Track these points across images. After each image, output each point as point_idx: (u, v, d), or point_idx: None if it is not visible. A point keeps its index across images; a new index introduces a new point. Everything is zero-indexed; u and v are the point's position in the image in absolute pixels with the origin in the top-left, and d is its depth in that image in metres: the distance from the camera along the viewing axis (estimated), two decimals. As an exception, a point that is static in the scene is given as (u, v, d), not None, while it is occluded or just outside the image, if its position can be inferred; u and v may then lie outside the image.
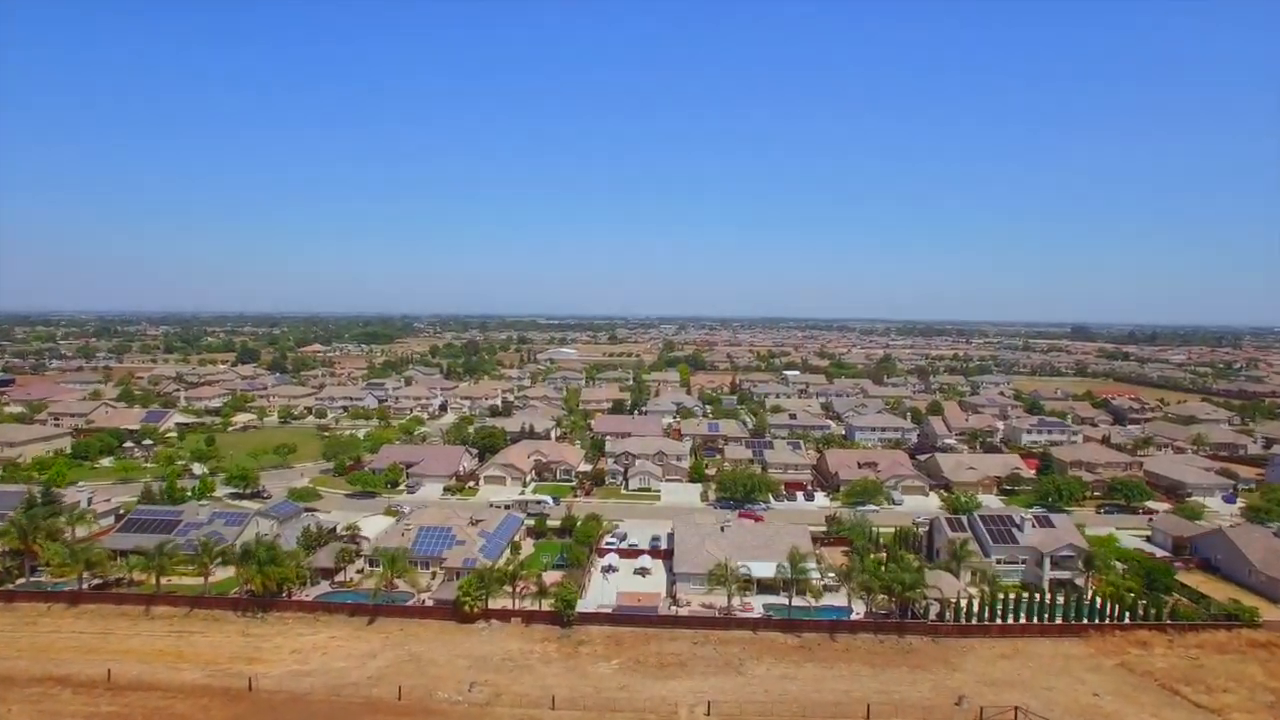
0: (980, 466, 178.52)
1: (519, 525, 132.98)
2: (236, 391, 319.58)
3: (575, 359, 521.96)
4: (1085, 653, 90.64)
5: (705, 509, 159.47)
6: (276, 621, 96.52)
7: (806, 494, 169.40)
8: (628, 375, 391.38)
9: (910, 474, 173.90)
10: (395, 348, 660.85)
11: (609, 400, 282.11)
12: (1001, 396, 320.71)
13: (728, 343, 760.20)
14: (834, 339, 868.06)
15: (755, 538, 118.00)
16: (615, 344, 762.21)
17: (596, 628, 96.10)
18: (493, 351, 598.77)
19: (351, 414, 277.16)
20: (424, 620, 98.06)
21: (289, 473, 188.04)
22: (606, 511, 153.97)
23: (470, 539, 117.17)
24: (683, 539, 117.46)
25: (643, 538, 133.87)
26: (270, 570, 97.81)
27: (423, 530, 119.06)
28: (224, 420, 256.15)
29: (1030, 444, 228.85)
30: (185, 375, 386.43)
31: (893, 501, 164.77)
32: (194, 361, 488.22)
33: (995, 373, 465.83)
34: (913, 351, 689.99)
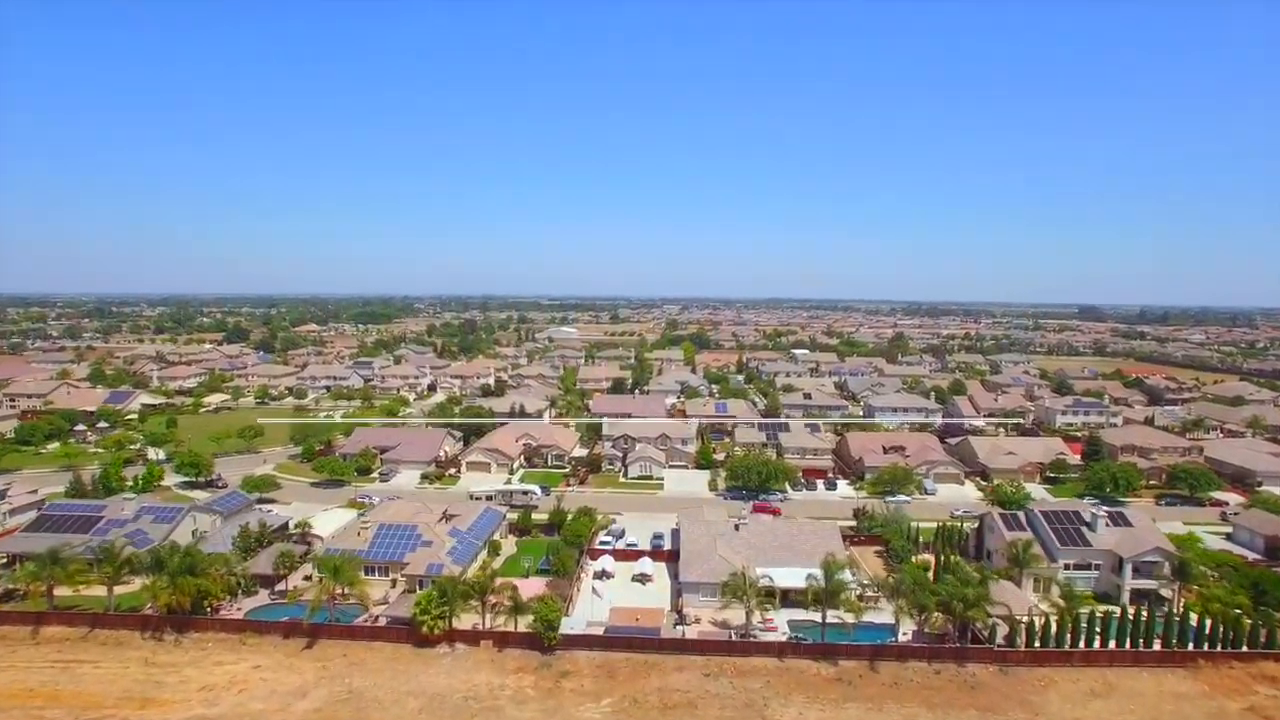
0: (1020, 451, 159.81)
1: (499, 521, 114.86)
2: (216, 370, 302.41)
3: (575, 338, 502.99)
4: (1198, 690, 72.35)
5: (714, 500, 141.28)
6: (193, 646, 78.64)
7: (827, 482, 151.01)
8: (629, 353, 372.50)
9: (943, 459, 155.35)
10: (392, 327, 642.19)
11: (608, 379, 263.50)
12: (1027, 375, 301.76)
13: (732, 322, 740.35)
14: (839, 319, 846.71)
15: (776, 537, 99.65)
16: (617, 324, 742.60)
17: (585, 654, 78.09)
18: (491, 331, 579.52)
19: (333, 394, 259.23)
20: (374, 644, 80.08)
21: (255, 458, 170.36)
22: (602, 503, 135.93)
23: (438, 539, 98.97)
24: (690, 539, 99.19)
25: (643, 535, 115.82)
26: (185, 582, 79.70)
27: (382, 529, 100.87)
28: (195, 402, 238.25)
29: (1065, 426, 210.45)
30: (167, 355, 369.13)
31: (925, 491, 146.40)
32: (181, 342, 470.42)
33: (1014, 351, 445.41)
34: (922, 331, 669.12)
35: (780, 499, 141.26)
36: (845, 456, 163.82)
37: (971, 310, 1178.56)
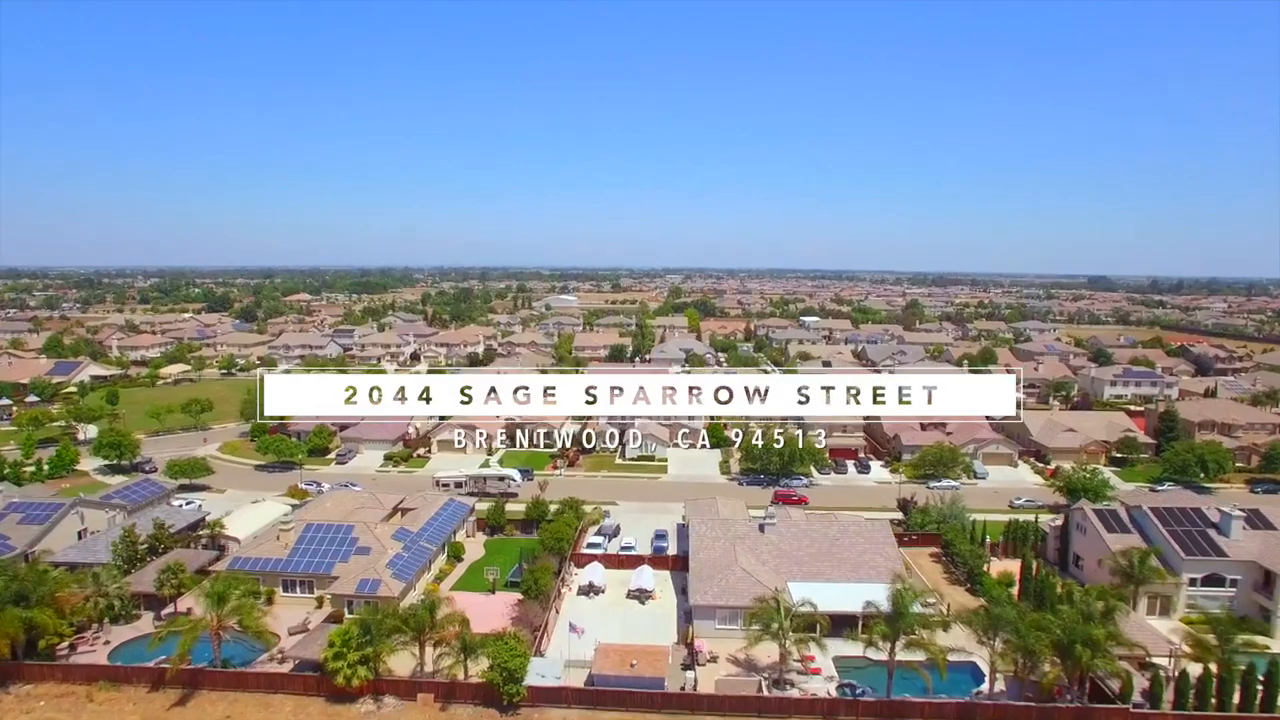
0: (1081, 427, 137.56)
1: (464, 515, 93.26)
2: (185, 340, 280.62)
3: (575, 305, 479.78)
4: None
5: (726, 486, 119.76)
6: (15, 706, 57.09)
7: (859, 464, 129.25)
8: (630, 321, 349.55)
9: (993, 437, 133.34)
10: (387, 296, 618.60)
11: (607, 347, 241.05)
12: (1059, 343, 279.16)
13: (737, 291, 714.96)
14: (846, 288, 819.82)
15: (813, 540, 77.78)
16: (619, 292, 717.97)
17: (559, 714, 56.61)
18: (488, 299, 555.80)
19: (307, 364, 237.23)
20: (272, 698, 58.59)
21: (199, 437, 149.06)
22: (594, 490, 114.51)
23: (379, 544, 77.26)
24: (703, 544, 77.45)
25: (642, 532, 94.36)
26: (8, 616, 57.93)
27: (310, 531, 79.17)
28: (150, 373, 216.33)
29: (1113, 399, 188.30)
30: (140, 324, 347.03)
31: (975, 475, 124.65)
32: (163, 311, 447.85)
33: (1036, 319, 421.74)
34: (932, 299, 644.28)
35: (805, 484, 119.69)
36: (877, 434, 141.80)
37: (979, 280, 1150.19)
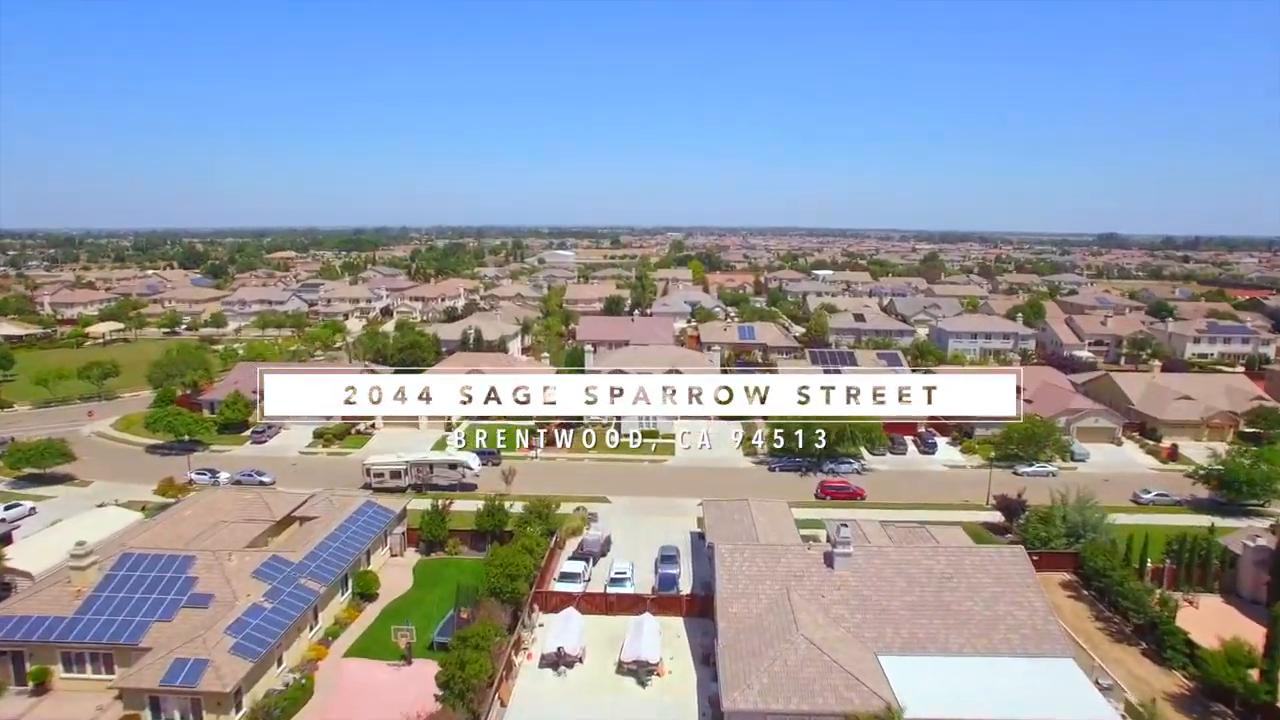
0: (1200, 394, 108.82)
1: (385, 527, 65.14)
2: (132, 295, 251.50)
3: (572, 260, 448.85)
4: None
5: (753, 472, 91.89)
6: None
7: (922, 442, 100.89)
8: (629, 273, 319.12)
9: (1090, 407, 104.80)
10: (378, 253, 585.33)
11: (601, 300, 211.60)
12: (1108, 295, 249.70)
13: (740, 246, 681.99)
14: (852, 243, 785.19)
15: (911, 580, 49.17)
16: (619, 248, 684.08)
17: None
18: (481, 255, 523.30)
19: (261, 321, 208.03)
20: None
21: (104, 407, 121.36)
22: (579, 480, 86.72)
23: (228, 587, 48.99)
24: (738, 587, 49.17)
25: (641, 547, 66.51)
26: None
27: (122, 567, 50.82)
28: (75, 332, 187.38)
29: (1196, 357, 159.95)
30: (96, 282, 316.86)
31: (1072, 456, 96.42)
32: (134, 269, 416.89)
33: (1072, 272, 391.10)
34: (945, 255, 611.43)
35: (855, 469, 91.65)
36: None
37: (987, 238, 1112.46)
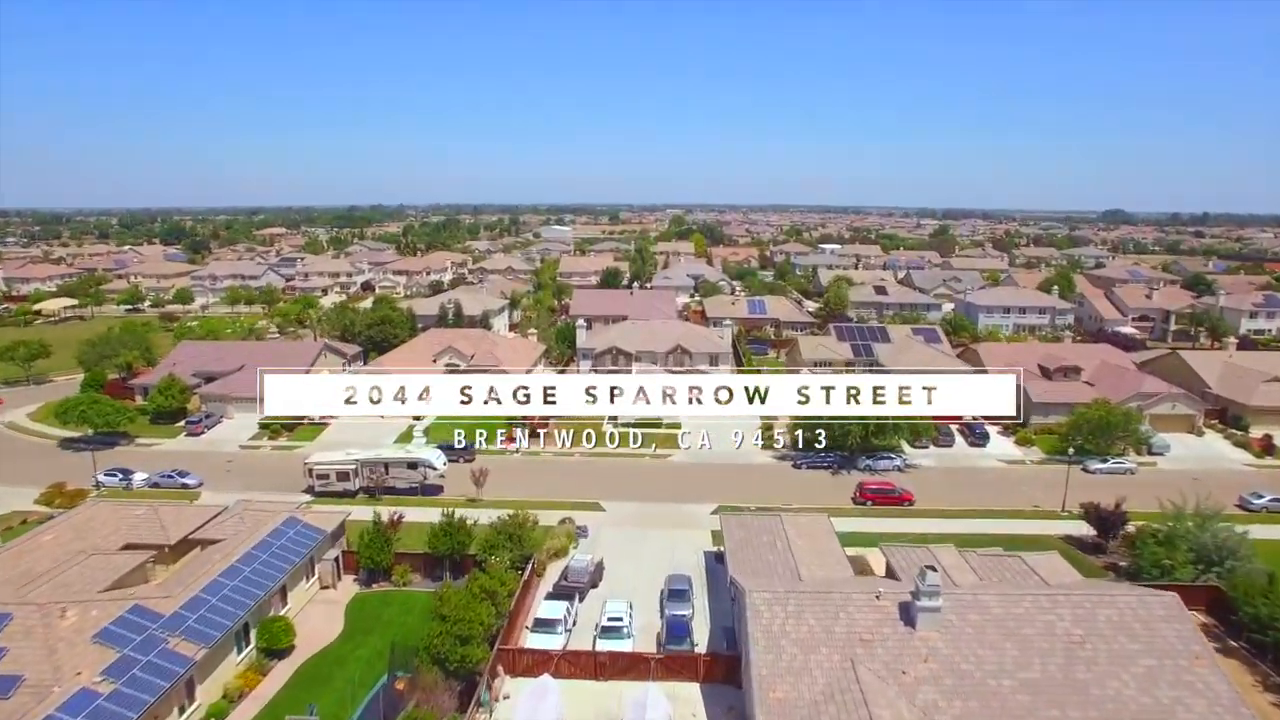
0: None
1: (309, 552, 50.39)
2: (98, 270, 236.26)
3: (569, 235, 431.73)
4: None
5: (775, 470, 77.16)
6: None
7: (971, 433, 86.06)
8: (628, 246, 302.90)
9: (1165, 389, 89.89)
10: (371, 230, 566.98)
11: (598, 273, 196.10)
12: (1140, 268, 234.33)
13: (742, 222, 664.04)
14: (854, 219, 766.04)
15: (1026, 647, 34.54)
16: (618, 224, 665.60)
17: None
18: (475, 231, 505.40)
19: (230, 297, 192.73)
20: None
21: (31, 392, 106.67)
22: (567, 479, 72.11)
23: (49, 663, 34.27)
24: (781, 656, 34.44)
25: (641, 582, 51.84)
26: None
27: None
28: (21, 309, 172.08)
29: (1253, 334, 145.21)
30: (66, 258, 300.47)
31: (1151, 448, 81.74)
32: (112, 245, 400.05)
33: (1092, 245, 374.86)
34: (953, 229, 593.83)
35: (898, 466, 76.95)
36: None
37: (991, 214, 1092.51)
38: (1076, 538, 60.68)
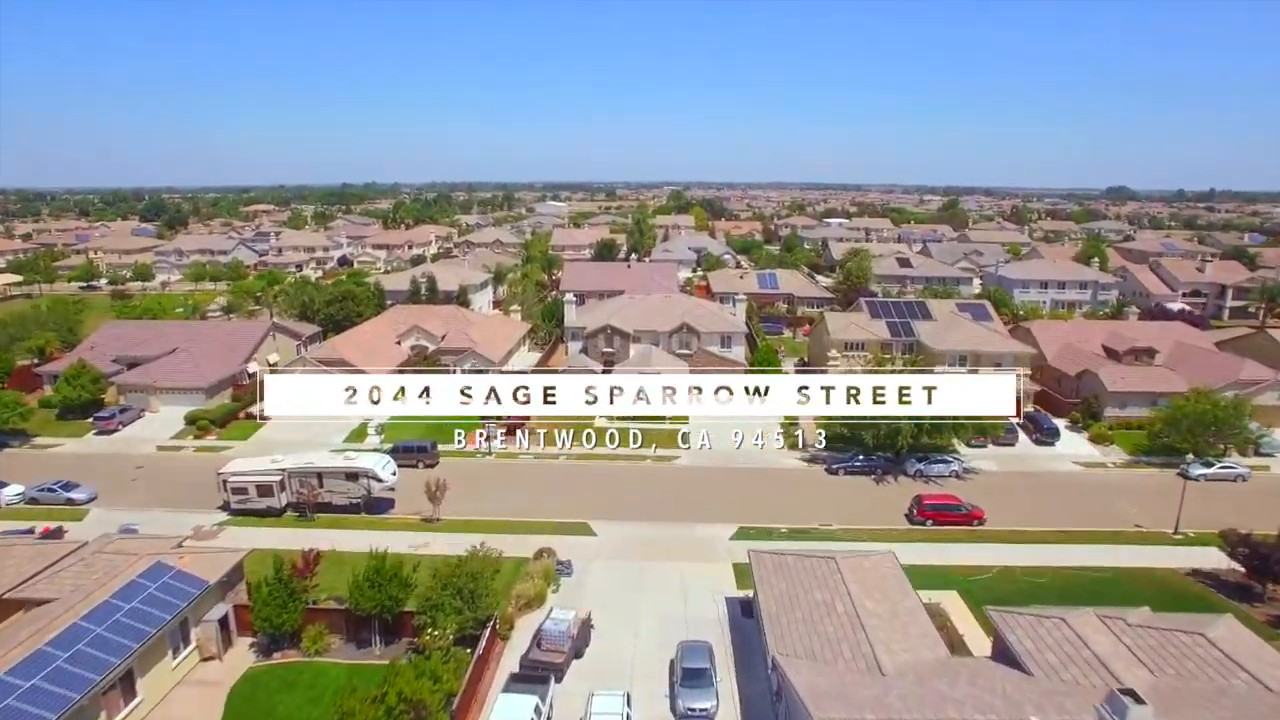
0: None
1: (180, 610, 35.98)
2: (58, 246, 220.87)
3: (564, 210, 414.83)
4: None
5: (805, 475, 62.86)
6: None
7: (1038, 428, 71.64)
8: (625, 218, 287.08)
9: (1271, 377, 75.62)
10: (363, 206, 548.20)
11: (593, 246, 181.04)
12: (1174, 241, 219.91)
13: (742, 197, 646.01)
14: (857, 195, 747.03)
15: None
16: (615, 200, 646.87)
17: None
18: (468, 207, 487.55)
19: (193, 273, 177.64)
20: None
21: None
22: (544, 494, 57.51)
23: None
24: None
25: (641, 650, 37.52)
26: None
27: None
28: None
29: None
30: (33, 234, 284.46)
31: (1257, 449, 67.64)
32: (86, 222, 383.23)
33: (1111, 218, 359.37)
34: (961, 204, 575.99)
35: (954, 470, 62.65)
36: (1049, 373, 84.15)
37: (994, 191, 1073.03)
38: (1208, 572, 46.74)
